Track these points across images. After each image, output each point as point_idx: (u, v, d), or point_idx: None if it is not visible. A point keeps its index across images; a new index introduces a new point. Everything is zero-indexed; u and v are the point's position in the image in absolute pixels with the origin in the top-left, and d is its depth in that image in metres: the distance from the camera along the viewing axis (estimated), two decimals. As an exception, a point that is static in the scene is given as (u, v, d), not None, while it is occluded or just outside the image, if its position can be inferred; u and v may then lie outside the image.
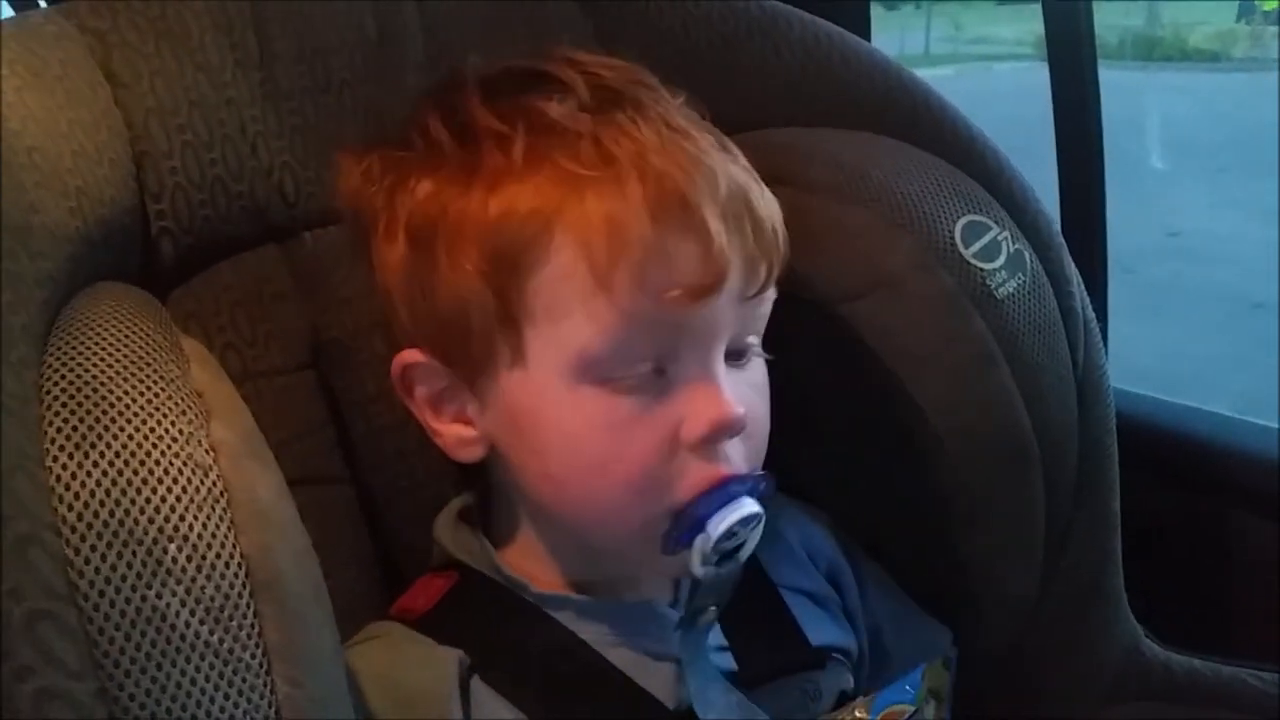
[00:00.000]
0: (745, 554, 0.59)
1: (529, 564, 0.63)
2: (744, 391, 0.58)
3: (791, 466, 0.75)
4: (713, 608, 0.64)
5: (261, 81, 0.66)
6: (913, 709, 0.58)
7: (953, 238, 0.69)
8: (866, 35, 1.16)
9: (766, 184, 0.72)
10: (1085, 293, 0.75)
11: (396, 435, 0.68)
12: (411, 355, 0.60)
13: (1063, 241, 0.75)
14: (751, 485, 0.58)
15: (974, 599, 0.74)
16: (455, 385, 0.60)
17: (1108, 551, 0.76)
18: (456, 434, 0.61)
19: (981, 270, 0.69)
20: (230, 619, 0.42)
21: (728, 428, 0.56)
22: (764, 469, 0.75)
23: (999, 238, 0.70)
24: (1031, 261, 0.71)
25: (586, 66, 0.60)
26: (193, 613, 0.41)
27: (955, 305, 0.68)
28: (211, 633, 0.41)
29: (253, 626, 0.43)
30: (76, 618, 0.40)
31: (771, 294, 0.60)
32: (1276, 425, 0.89)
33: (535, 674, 0.60)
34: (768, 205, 0.59)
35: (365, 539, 0.68)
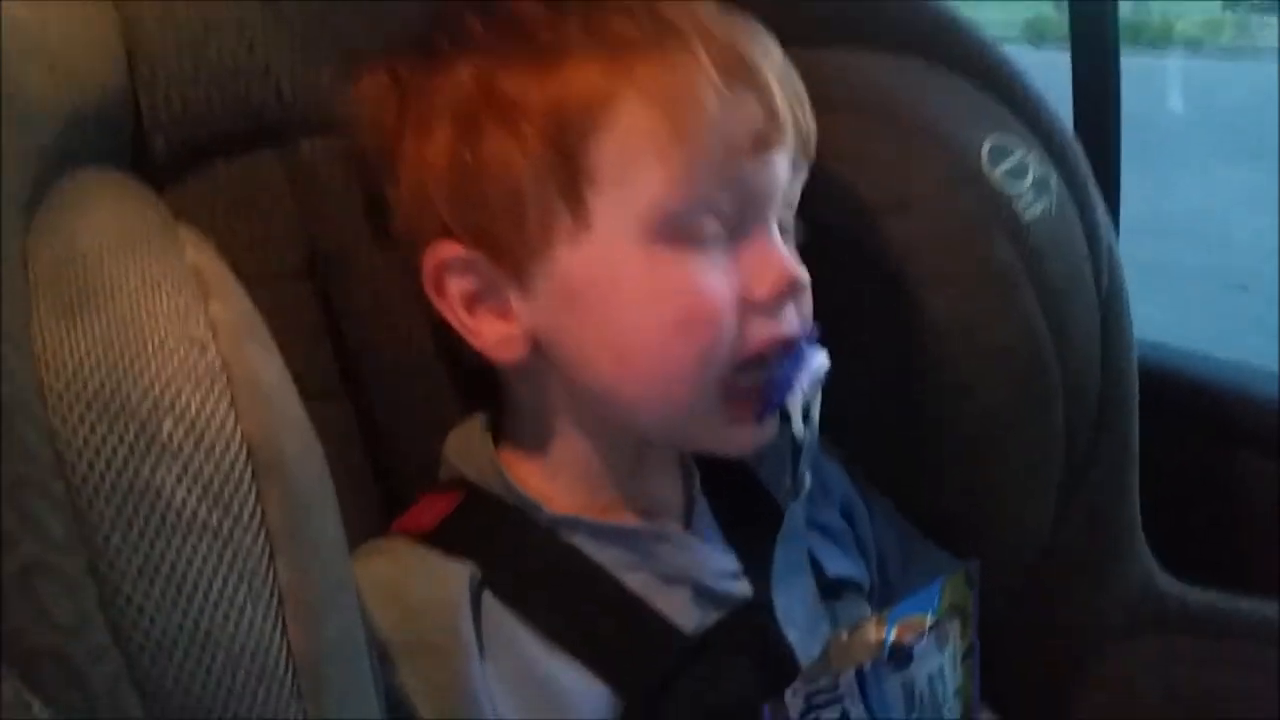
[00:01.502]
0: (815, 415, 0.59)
1: (543, 484, 0.60)
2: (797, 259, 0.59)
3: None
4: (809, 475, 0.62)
5: None
6: (933, 619, 0.56)
7: (979, 157, 0.67)
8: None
9: None
10: (1110, 221, 0.73)
11: (396, 350, 0.65)
12: (448, 248, 0.58)
13: (1089, 170, 0.72)
14: (817, 342, 0.59)
15: (989, 528, 0.72)
16: (497, 278, 0.58)
17: (1126, 483, 0.74)
18: (497, 332, 0.58)
19: (1008, 192, 0.67)
20: (230, 499, 0.39)
21: (794, 287, 0.57)
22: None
23: (1025, 159, 0.68)
24: (1058, 185, 0.69)
25: None
26: (189, 490, 0.38)
27: (981, 226, 0.66)
28: (210, 512, 0.38)
29: (255, 508, 0.39)
30: (64, 490, 0.37)
31: (805, 170, 0.61)
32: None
33: (548, 594, 0.57)
34: (798, 80, 0.61)
35: (362, 457, 0.65)
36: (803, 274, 0.58)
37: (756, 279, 0.57)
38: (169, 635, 0.37)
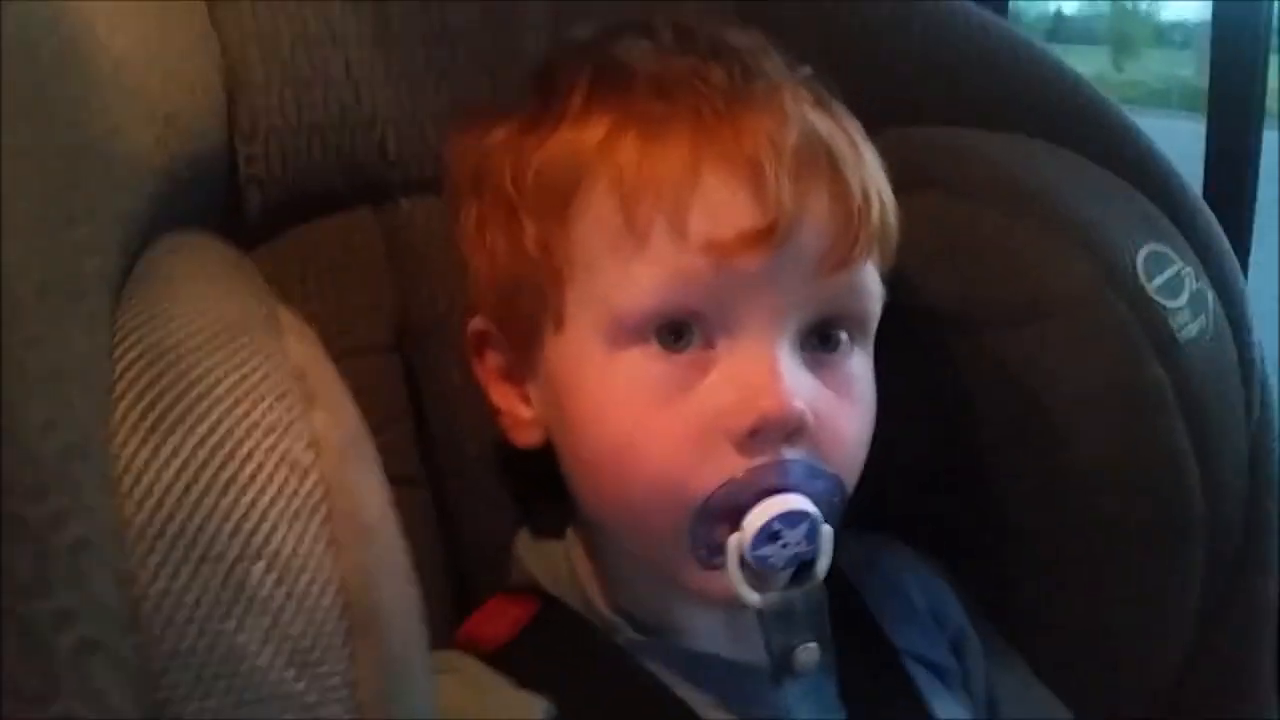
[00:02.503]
0: (818, 574, 0.49)
1: (620, 599, 0.55)
2: (816, 389, 0.49)
3: (917, 513, 0.68)
4: (811, 647, 0.52)
5: (373, 20, 0.58)
6: None
7: (1135, 267, 0.60)
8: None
9: (912, 187, 0.65)
10: (1262, 345, 0.67)
11: (482, 434, 0.60)
12: (480, 322, 0.55)
13: (1245, 287, 0.66)
14: (801, 476, 0.47)
15: (1107, 675, 0.65)
16: (518, 359, 0.54)
17: (1260, 636, 0.67)
18: (516, 413, 0.55)
19: (1165, 307, 0.60)
20: (320, 663, 0.33)
21: (779, 424, 0.47)
22: (880, 513, 0.67)
23: (1183, 273, 0.62)
24: (1214, 304, 0.63)
25: (687, 24, 0.54)
26: (277, 652, 0.32)
27: (1133, 344, 0.60)
28: (297, 679, 0.32)
29: (346, 673, 0.33)
30: (133, 651, 0.31)
31: (871, 279, 0.52)
32: None
33: None
34: (863, 169, 0.51)
35: (439, 550, 0.60)
36: (802, 408, 0.47)
37: (735, 407, 0.47)
38: None
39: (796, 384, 0.48)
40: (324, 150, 0.57)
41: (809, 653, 0.50)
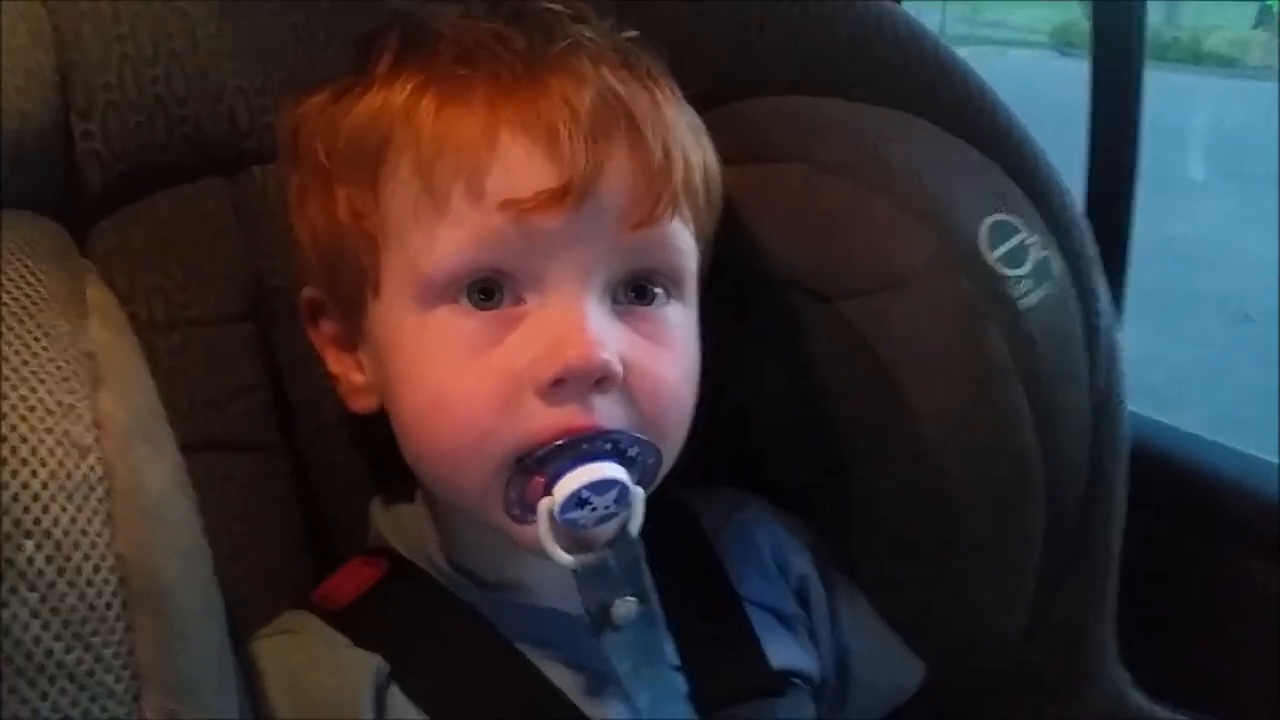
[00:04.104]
0: (631, 530, 0.50)
1: (461, 557, 0.56)
2: (629, 340, 0.51)
3: (773, 469, 0.70)
4: (629, 600, 0.52)
5: None
6: None
7: (977, 238, 0.62)
8: None
9: (778, 159, 0.66)
10: (1112, 310, 0.68)
11: (338, 402, 0.60)
12: (312, 290, 0.56)
13: (1095, 253, 0.68)
14: (614, 443, 0.49)
15: (954, 632, 0.67)
16: (349, 327, 0.55)
17: (1103, 594, 0.69)
18: (351, 380, 0.56)
19: (1005, 276, 0.62)
20: (94, 635, 0.35)
21: (584, 372, 0.48)
22: (737, 467, 0.69)
23: (1027, 241, 0.63)
24: (1060, 271, 0.64)
25: None
26: (46, 626, 0.34)
27: (972, 313, 0.61)
28: (68, 651, 0.34)
29: (120, 644, 0.35)
30: None
31: (680, 236, 0.53)
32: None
33: (461, 685, 0.54)
34: (667, 129, 0.52)
35: (296, 515, 0.61)
36: (609, 358, 0.48)
37: (541, 358, 0.48)
38: None
39: (603, 334, 0.49)
40: (168, 123, 0.57)
41: (626, 605, 0.52)
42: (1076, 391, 0.65)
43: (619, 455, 0.49)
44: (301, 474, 0.61)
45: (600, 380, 0.49)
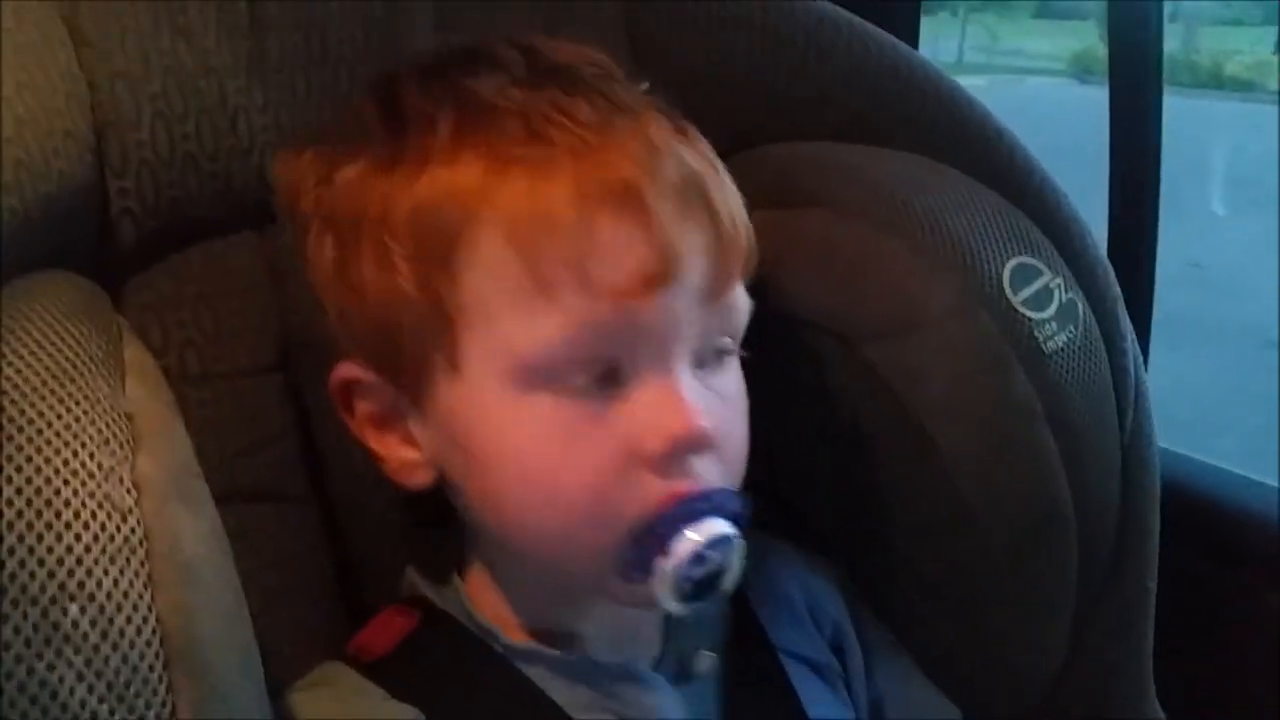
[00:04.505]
0: (727, 585, 0.52)
1: (499, 609, 0.57)
2: (713, 403, 0.52)
3: (799, 515, 0.70)
4: (708, 654, 0.56)
5: (249, 51, 0.59)
6: None
7: (1000, 280, 0.62)
8: (914, 43, 1.09)
9: (797, 205, 0.67)
10: (1139, 351, 0.68)
11: (366, 453, 0.61)
12: (349, 369, 0.54)
13: (1119, 293, 0.68)
14: (720, 502, 0.51)
15: (988, 673, 0.67)
16: (398, 402, 0.54)
17: (1138, 633, 0.69)
18: (400, 457, 0.55)
19: (1030, 319, 0.62)
20: (136, 697, 0.35)
21: (691, 443, 0.50)
22: (763, 506, 0.69)
23: (1051, 284, 0.64)
24: (1084, 313, 0.65)
25: (531, 45, 0.54)
26: (91, 689, 0.34)
27: (997, 356, 0.62)
28: (112, 713, 0.35)
29: (163, 706, 0.36)
30: None
31: (742, 297, 0.54)
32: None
33: None
34: (727, 197, 0.53)
35: (327, 565, 0.61)
36: (708, 425, 0.50)
37: (649, 432, 0.49)
38: None
39: (699, 405, 0.51)
40: (199, 180, 0.58)
41: (705, 660, 0.54)
42: (1104, 433, 0.65)
43: (722, 511, 0.51)
44: (331, 522, 0.62)
45: (701, 449, 0.50)
